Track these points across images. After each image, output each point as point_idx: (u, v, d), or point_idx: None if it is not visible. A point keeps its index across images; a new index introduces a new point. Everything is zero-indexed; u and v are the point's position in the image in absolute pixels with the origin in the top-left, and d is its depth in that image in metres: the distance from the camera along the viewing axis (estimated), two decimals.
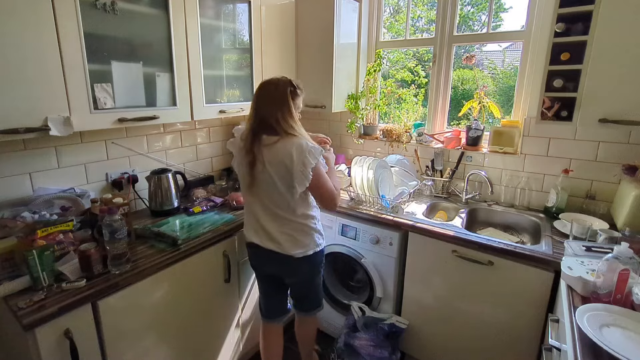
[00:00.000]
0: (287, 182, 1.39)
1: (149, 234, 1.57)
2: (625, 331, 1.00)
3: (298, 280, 1.62)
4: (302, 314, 1.74)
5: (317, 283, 1.68)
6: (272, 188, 1.42)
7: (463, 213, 1.96)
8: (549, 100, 1.63)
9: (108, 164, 1.77)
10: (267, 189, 1.43)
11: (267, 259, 1.53)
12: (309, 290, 1.67)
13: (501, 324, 1.61)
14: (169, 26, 1.57)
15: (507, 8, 2.37)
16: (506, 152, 2.02)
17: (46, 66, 1.21)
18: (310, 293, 1.69)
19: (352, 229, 1.95)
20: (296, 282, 1.63)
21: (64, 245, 1.30)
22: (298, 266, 1.51)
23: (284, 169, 1.37)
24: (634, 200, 1.49)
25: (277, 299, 1.71)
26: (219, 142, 2.34)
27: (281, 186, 1.40)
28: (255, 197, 1.49)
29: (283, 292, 1.72)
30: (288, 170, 1.36)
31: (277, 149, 1.37)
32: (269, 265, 1.58)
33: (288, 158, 1.35)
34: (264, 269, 1.63)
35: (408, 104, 2.37)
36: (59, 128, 1.26)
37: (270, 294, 1.70)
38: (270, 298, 1.70)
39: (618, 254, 1.12)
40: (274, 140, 1.38)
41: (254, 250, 1.57)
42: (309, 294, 1.69)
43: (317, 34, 2.21)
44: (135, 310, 1.34)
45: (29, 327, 1.05)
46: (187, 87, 1.69)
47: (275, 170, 1.38)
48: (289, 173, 1.37)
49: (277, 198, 1.44)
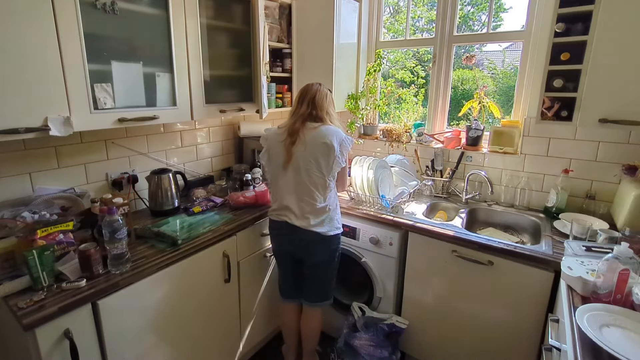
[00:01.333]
0: (326, 163, 1.58)
1: (149, 234, 1.56)
2: (625, 331, 1.00)
3: (316, 260, 1.70)
4: (310, 304, 1.80)
5: (332, 270, 1.77)
6: (310, 167, 1.58)
7: (463, 213, 1.96)
8: (549, 100, 1.63)
9: (108, 164, 1.77)
10: (306, 166, 1.58)
11: (292, 236, 1.65)
12: (324, 275, 1.76)
13: (501, 324, 1.61)
14: (169, 26, 1.56)
15: (507, 8, 2.37)
16: (506, 152, 2.02)
17: (46, 66, 1.21)
18: (324, 281, 1.77)
19: (352, 229, 1.95)
20: (314, 263, 1.71)
21: (64, 245, 1.30)
22: (320, 245, 1.65)
23: (324, 149, 1.56)
24: (634, 200, 1.49)
25: (294, 283, 1.82)
26: (219, 142, 2.34)
27: (318, 166, 1.58)
28: (287, 177, 1.62)
29: (300, 276, 1.80)
30: (327, 152, 1.56)
31: (320, 132, 1.58)
32: (293, 243, 1.68)
33: (329, 140, 1.56)
34: (286, 248, 1.73)
35: (408, 104, 2.37)
36: (59, 128, 1.26)
37: (289, 276, 1.82)
38: (288, 280, 1.83)
39: (618, 254, 1.12)
40: (316, 126, 1.60)
41: (278, 228, 1.69)
42: (322, 282, 1.77)
43: (317, 33, 2.21)
44: (135, 310, 1.34)
45: (29, 327, 1.04)
46: (187, 87, 1.69)
47: (316, 150, 1.57)
48: (327, 155, 1.57)
49: (314, 178, 1.59)
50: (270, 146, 1.68)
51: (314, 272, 1.74)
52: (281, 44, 2.27)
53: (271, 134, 1.69)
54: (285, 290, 1.85)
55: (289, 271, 1.81)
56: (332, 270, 1.77)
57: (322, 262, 1.71)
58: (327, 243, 1.66)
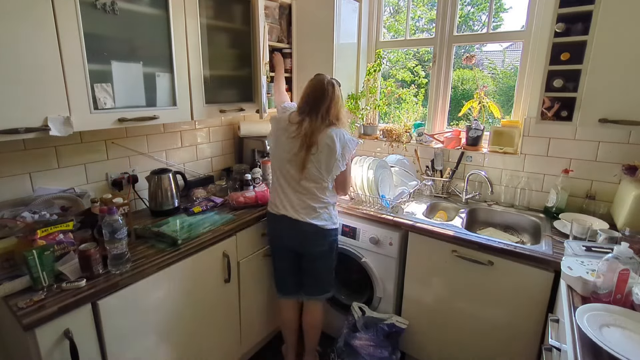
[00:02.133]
0: (326, 164, 1.61)
1: (149, 234, 1.56)
2: (625, 331, 1.00)
3: (316, 252, 1.73)
4: (311, 297, 1.82)
5: (332, 262, 1.80)
6: (311, 165, 1.60)
7: (463, 213, 1.96)
8: (549, 100, 1.63)
9: (108, 164, 1.77)
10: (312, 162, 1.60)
11: (291, 229, 1.68)
12: (323, 267, 1.78)
13: (501, 324, 1.61)
14: (169, 26, 1.56)
15: (507, 8, 2.37)
16: (506, 152, 2.02)
17: (46, 66, 1.21)
18: (324, 273, 1.80)
19: (352, 229, 1.95)
20: (314, 254, 1.74)
21: (64, 245, 1.30)
22: (318, 236, 1.69)
23: (327, 151, 1.59)
24: (634, 200, 1.49)
25: (292, 278, 1.83)
26: (219, 142, 2.34)
27: (319, 166, 1.61)
28: (289, 170, 1.65)
29: (298, 271, 1.82)
30: (329, 154, 1.59)
31: (326, 134, 1.59)
32: (291, 236, 1.71)
33: (332, 142, 1.58)
34: (286, 242, 1.75)
35: (408, 104, 2.37)
36: (59, 128, 1.26)
37: (287, 271, 1.83)
38: (286, 275, 1.84)
39: (618, 254, 1.12)
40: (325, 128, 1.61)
41: (278, 221, 1.71)
42: (322, 274, 1.79)
43: (317, 33, 2.21)
44: (135, 310, 1.34)
45: (28, 327, 1.04)
46: (187, 87, 1.69)
47: (319, 151, 1.58)
48: (329, 157, 1.59)
49: (314, 176, 1.63)
50: (278, 134, 1.69)
51: (313, 265, 1.77)
52: (281, 44, 2.27)
53: (283, 121, 1.68)
54: (283, 286, 1.86)
55: (288, 266, 1.82)
56: (332, 261, 1.80)
57: (321, 253, 1.73)
58: (325, 235, 1.71)
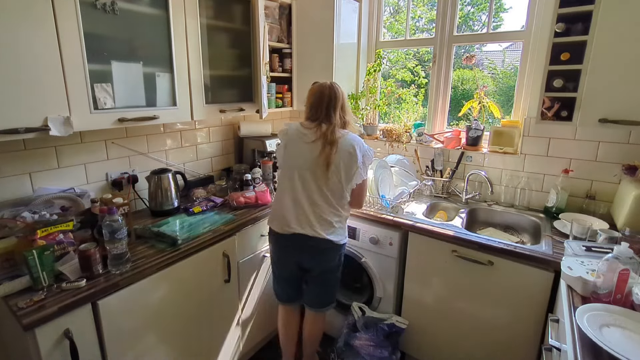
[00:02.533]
0: (347, 172, 1.53)
1: (149, 234, 1.56)
2: (625, 331, 1.00)
3: (327, 267, 1.65)
4: (316, 310, 1.76)
5: (338, 275, 1.74)
6: (331, 174, 1.52)
7: (463, 213, 1.96)
8: (549, 100, 1.63)
9: (108, 164, 1.77)
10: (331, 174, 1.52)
11: (302, 246, 1.58)
12: (332, 281, 1.72)
13: (501, 324, 1.61)
14: (169, 26, 1.57)
15: (507, 8, 2.37)
16: (506, 152, 2.02)
17: (46, 66, 1.21)
18: (332, 286, 1.74)
19: (352, 229, 1.95)
20: (324, 269, 1.66)
21: (64, 245, 1.30)
22: (331, 252, 1.61)
23: (348, 159, 1.52)
24: (634, 200, 1.49)
25: (295, 290, 1.76)
26: (219, 142, 2.34)
27: (338, 174, 1.53)
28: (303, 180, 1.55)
29: (301, 282, 1.76)
30: (350, 161, 1.52)
31: (346, 140, 1.53)
32: (302, 254, 1.61)
33: (354, 150, 1.52)
34: (295, 258, 1.64)
35: (408, 104, 2.37)
36: (59, 128, 1.26)
37: (289, 283, 1.75)
38: (287, 287, 1.76)
39: (618, 254, 1.12)
40: (344, 133, 1.56)
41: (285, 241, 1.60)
42: (330, 287, 1.73)
43: (317, 33, 2.21)
44: (135, 310, 1.34)
45: (29, 327, 1.04)
46: (187, 87, 1.69)
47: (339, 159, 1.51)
48: (350, 165, 1.52)
49: (333, 185, 1.54)
50: (289, 144, 1.59)
51: (320, 279, 1.69)
52: (281, 44, 2.27)
53: (293, 130, 1.59)
54: (283, 295, 1.78)
55: (291, 279, 1.73)
56: (339, 274, 1.74)
57: (330, 268, 1.66)
58: (337, 250, 1.63)
